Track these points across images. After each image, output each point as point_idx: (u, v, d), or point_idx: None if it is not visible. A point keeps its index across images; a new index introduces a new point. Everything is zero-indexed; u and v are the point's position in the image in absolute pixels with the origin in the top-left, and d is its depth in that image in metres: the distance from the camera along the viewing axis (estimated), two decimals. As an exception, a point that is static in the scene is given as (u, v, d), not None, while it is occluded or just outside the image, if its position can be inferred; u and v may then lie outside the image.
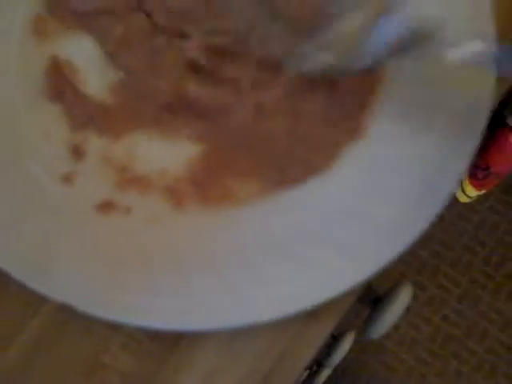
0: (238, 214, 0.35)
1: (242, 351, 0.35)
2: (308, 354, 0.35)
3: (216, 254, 0.34)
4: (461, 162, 0.35)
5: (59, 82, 0.38)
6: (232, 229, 0.35)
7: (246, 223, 0.35)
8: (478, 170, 1.01)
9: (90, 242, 0.35)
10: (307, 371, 0.87)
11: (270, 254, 0.34)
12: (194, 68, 0.37)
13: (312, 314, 0.35)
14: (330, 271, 0.33)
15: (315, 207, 0.35)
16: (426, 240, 1.16)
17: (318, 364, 0.80)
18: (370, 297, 0.52)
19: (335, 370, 1.07)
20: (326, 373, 0.76)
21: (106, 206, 0.36)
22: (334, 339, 0.68)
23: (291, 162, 0.36)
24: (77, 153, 0.37)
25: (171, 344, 0.35)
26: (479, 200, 1.18)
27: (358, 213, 0.34)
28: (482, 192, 1.08)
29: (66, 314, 0.34)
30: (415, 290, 1.13)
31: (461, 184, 1.09)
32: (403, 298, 0.49)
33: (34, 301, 0.34)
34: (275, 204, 0.36)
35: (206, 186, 0.36)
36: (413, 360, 1.12)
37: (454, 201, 1.16)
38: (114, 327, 0.34)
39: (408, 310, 1.13)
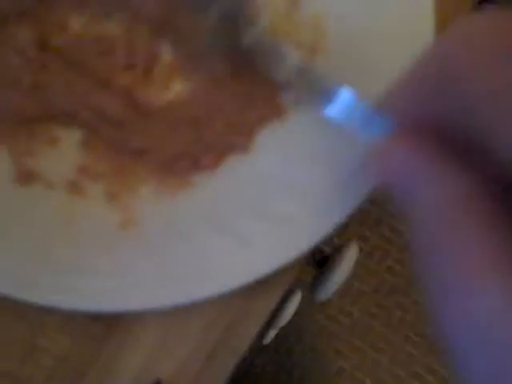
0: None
1: (186, 327, 0.33)
2: (254, 326, 0.34)
3: (150, 230, 0.32)
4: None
5: None
6: (166, 205, 0.33)
7: (184, 202, 0.33)
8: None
9: (11, 218, 0.32)
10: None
11: (209, 228, 0.32)
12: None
13: (257, 286, 0.33)
14: (269, 245, 0.32)
15: (251, 180, 0.33)
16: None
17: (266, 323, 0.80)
18: (316, 256, 0.51)
19: (281, 327, 1.08)
20: (272, 333, 0.76)
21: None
22: (281, 300, 0.67)
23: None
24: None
25: (111, 324, 0.33)
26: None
27: (292, 183, 0.33)
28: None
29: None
30: (357, 241, 1.14)
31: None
32: (349, 259, 0.48)
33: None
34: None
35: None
36: (358, 312, 1.13)
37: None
38: (50, 309, 0.32)
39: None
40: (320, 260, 0.50)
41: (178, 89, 0.34)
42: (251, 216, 0.32)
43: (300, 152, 0.33)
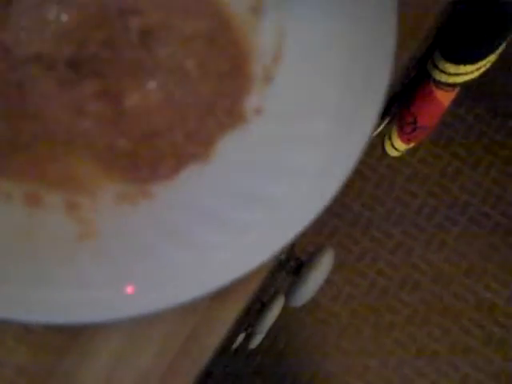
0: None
1: (147, 336, 0.33)
2: (217, 336, 0.33)
3: (110, 241, 0.32)
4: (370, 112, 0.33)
5: None
6: (126, 215, 0.33)
7: (143, 213, 0.33)
8: (405, 124, 1.01)
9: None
10: (243, 334, 0.87)
11: (170, 238, 0.32)
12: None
13: (220, 295, 0.33)
14: (230, 254, 0.31)
15: (211, 189, 0.33)
16: (357, 193, 1.16)
17: (252, 326, 0.80)
18: (292, 263, 0.51)
19: (272, 329, 1.08)
20: (258, 338, 0.76)
21: None
22: (263, 305, 0.67)
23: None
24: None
25: (71, 335, 0.33)
26: (409, 152, 1.19)
27: (252, 191, 0.33)
28: (411, 145, 1.09)
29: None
30: (348, 243, 1.14)
31: (390, 138, 1.09)
32: (325, 265, 0.47)
33: None
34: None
35: None
36: (348, 315, 1.13)
37: (384, 154, 1.16)
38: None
39: (343, 264, 1.14)
40: (296, 267, 0.50)
41: (137, 98, 0.34)
42: (212, 225, 0.32)
43: (261, 161, 0.33)
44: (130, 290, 0.30)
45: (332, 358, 1.10)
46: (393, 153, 1.12)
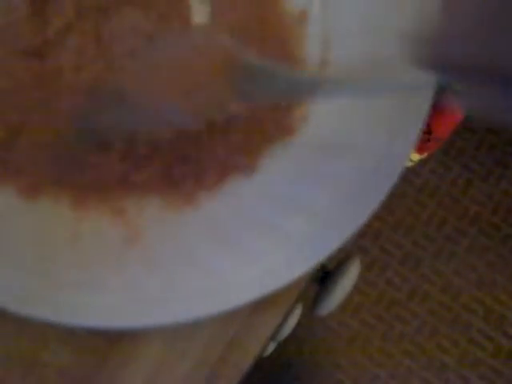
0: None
1: (188, 343, 0.33)
2: (258, 343, 0.33)
3: (155, 246, 0.32)
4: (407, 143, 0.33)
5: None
6: (171, 221, 0.33)
7: (189, 219, 0.33)
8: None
9: (17, 233, 0.32)
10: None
11: (214, 245, 0.32)
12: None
13: (261, 301, 0.33)
14: (276, 262, 0.31)
15: (257, 198, 0.33)
16: (368, 204, 1.16)
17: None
18: (318, 272, 0.51)
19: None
20: (271, 346, 0.76)
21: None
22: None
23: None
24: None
25: (114, 339, 0.33)
26: (420, 163, 1.19)
27: (298, 201, 0.33)
28: (424, 156, 1.09)
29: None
30: (357, 253, 1.14)
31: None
32: (352, 274, 0.48)
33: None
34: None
35: None
36: (358, 325, 1.13)
37: (396, 165, 1.15)
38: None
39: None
40: (322, 275, 0.50)
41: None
42: (257, 234, 0.32)
43: (306, 171, 0.33)
44: None
45: (341, 367, 1.10)
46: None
